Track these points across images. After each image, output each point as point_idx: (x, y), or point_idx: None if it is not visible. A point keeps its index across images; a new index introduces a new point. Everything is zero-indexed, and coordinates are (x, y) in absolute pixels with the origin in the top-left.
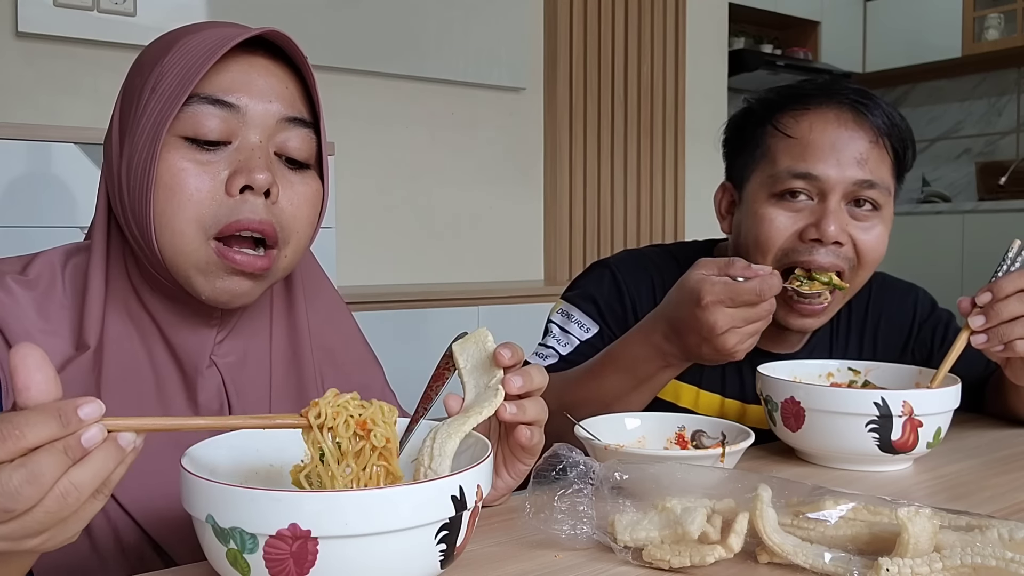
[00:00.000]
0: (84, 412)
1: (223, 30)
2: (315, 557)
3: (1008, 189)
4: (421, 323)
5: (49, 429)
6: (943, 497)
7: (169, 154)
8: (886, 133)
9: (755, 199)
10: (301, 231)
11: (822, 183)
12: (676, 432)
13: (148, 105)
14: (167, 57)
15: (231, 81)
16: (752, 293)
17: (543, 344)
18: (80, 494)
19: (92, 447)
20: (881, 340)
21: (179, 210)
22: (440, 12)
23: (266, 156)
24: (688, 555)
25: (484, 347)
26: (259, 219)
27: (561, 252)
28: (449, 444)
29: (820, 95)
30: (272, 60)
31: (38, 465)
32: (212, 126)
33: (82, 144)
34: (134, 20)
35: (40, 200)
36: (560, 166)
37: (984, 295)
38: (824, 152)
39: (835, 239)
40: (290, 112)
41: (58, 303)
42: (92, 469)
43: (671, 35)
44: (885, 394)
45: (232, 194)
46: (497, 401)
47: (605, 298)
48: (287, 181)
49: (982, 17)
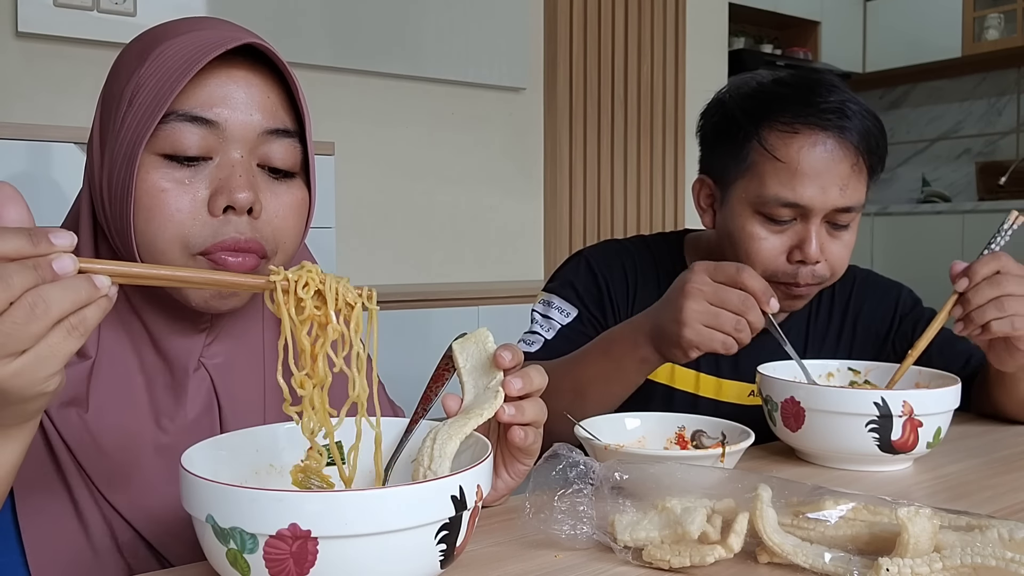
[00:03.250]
0: (56, 238)
1: (203, 35)
2: (315, 557)
3: (1008, 189)
4: (421, 323)
5: (17, 243)
6: (943, 497)
7: (148, 173)
8: (865, 150)
9: (740, 210)
10: (289, 241)
11: (806, 209)
12: (676, 432)
13: (125, 119)
14: (143, 67)
15: (209, 95)
16: (734, 303)
17: (528, 331)
18: (48, 310)
19: (64, 273)
20: (860, 331)
21: (160, 231)
22: (440, 12)
23: (248, 172)
24: (688, 555)
25: (484, 347)
26: (245, 238)
27: (561, 252)
28: (449, 445)
29: (805, 112)
30: (252, 68)
31: (6, 268)
32: (191, 143)
33: (82, 144)
34: (134, 20)
35: (40, 200)
36: (560, 166)
37: (961, 281)
38: (810, 179)
39: (815, 259)
40: (272, 124)
41: None
42: (63, 290)
43: (671, 35)
44: (885, 394)
45: (215, 214)
46: (497, 403)
47: (582, 282)
48: (271, 192)
49: (982, 17)
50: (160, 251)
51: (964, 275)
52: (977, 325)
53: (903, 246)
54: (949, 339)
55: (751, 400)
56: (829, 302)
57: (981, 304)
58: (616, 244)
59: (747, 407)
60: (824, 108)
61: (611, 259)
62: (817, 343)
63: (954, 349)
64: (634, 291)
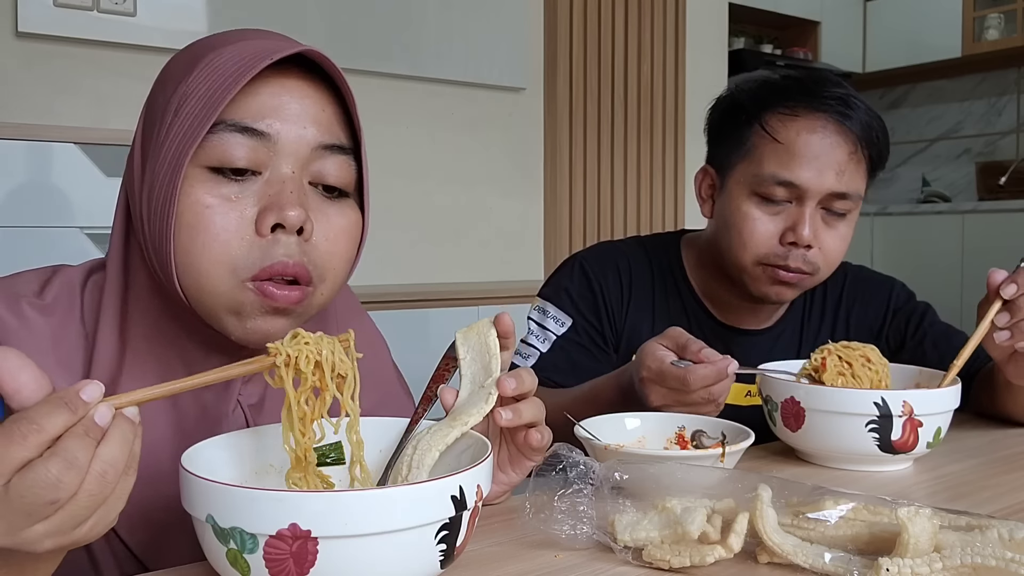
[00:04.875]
0: (86, 394)
1: (254, 44)
2: (315, 557)
3: (1008, 189)
4: (421, 323)
5: (62, 416)
6: (943, 497)
7: (192, 188)
8: (865, 141)
9: (737, 193)
10: (338, 267)
11: (801, 190)
12: (676, 432)
13: (170, 130)
14: (192, 76)
15: (261, 105)
16: (678, 381)
17: (524, 342)
18: (116, 470)
19: (106, 425)
20: (853, 325)
21: (204, 251)
22: (440, 12)
23: (299, 189)
24: (688, 555)
25: (485, 340)
26: (293, 262)
27: (561, 252)
28: (428, 456)
29: (808, 99)
30: (307, 80)
31: (68, 451)
32: (240, 156)
33: (82, 144)
34: (134, 20)
35: (40, 200)
36: (560, 166)
37: (1009, 287)
38: (807, 161)
39: (808, 243)
40: (326, 139)
41: (75, 332)
42: (117, 444)
43: (671, 35)
44: (885, 394)
45: (263, 234)
46: (487, 407)
47: (576, 288)
48: (322, 213)
49: (982, 17)
50: (203, 272)
51: (1013, 282)
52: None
53: (903, 246)
54: (945, 332)
55: (747, 400)
56: (822, 301)
57: None
58: (610, 246)
59: (743, 408)
60: (827, 96)
61: (605, 262)
62: (810, 343)
63: (949, 343)
64: (629, 293)
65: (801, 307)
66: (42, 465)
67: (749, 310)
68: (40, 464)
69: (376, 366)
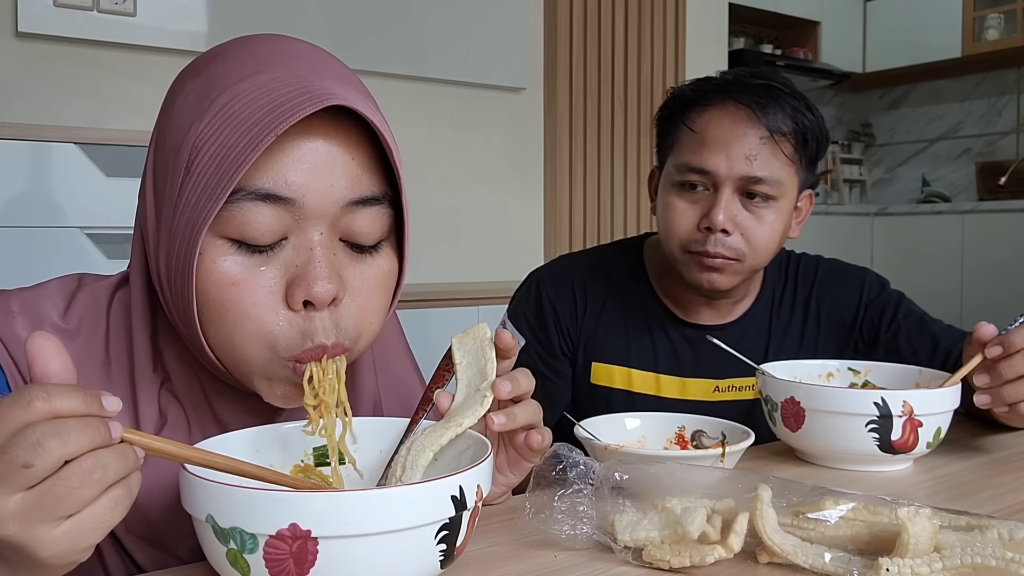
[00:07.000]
0: (107, 402)
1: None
2: (315, 557)
3: (1008, 189)
4: (421, 323)
5: (75, 400)
6: (943, 497)
7: (214, 262)
8: (781, 131)
9: (664, 186)
10: (374, 322)
11: (714, 177)
12: (676, 432)
13: (183, 190)
14: (204, 121)
15: (282, 166)
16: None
17: None
18: (104, 477)
19: (115, 437)
20: (825, 322)
21: (236, 328)
22: (440, 12)
23: (328, 254)
24: (688, 555)
25: (481, 344)
26: (331, 343)
27: (561, 252)
28: (422, 457)
29: (723, 92)
30: (331, 122)
31: (63, 425)
32: (264, 228)
33: (82, 144)
34: (134, 20)
35: (40, 200)
36: (560, 166)
37: (994, 348)
38: (717, 148)
39: (722, 227)
40: (355, 194)
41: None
42: (115, 456)
43: (671, 35)
44: (885, 394)
45: (294, 308)
46: (482, 410)
47: (531, 308)
48: (353, 268)
49: (982, 17)
50: (237, 346)
51: (999, 344)
52: (1005, 403)
53: (903, 246)
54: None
55: (717, 396)
56: (792, 296)
57: (1012, 379)
58: (569, 260)
59: (715, 402)
60: (742, 88)
61: (560, 280)
62: (779, 338)
63: (923, 335)
64: (584, 305)
65: (769, 301)
66: (31, 427)
67: (705, 304)
68: (31, 427)
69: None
